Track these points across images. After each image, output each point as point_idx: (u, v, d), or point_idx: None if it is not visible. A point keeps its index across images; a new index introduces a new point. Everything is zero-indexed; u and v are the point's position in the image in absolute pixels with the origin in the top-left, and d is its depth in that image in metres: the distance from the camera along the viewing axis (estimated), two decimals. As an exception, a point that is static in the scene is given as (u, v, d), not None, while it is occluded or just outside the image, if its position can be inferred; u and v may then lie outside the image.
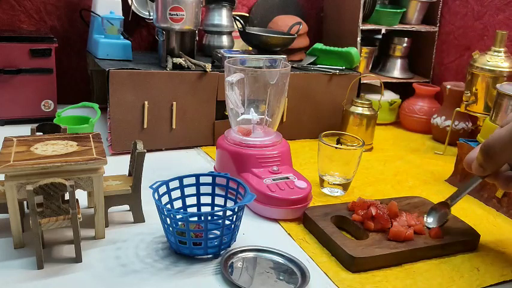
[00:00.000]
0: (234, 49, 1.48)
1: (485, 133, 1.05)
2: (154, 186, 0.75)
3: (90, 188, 0.72)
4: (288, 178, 0.92)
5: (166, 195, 0.79)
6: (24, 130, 0.99)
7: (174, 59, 1.19)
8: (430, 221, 0.85)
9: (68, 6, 1.44)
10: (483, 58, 1.23)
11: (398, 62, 1.64)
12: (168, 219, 0.72)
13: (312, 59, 1.40)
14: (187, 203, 0.82)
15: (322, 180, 1.02)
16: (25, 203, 0.80)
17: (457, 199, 0.84)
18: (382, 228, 0.81)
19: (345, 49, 1.38)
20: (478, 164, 0.74)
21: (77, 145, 0.75)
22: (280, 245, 0.78)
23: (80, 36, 1.47)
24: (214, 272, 0.71)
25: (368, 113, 1.27)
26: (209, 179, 0.83)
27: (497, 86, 1.07)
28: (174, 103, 1.17)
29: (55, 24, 1.45)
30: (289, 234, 0.84)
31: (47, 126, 0.85)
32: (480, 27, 1.46)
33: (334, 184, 1.00)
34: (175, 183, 0.80)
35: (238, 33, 1.39)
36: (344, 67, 1.38)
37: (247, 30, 1.32)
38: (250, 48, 1.41)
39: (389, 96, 1.57)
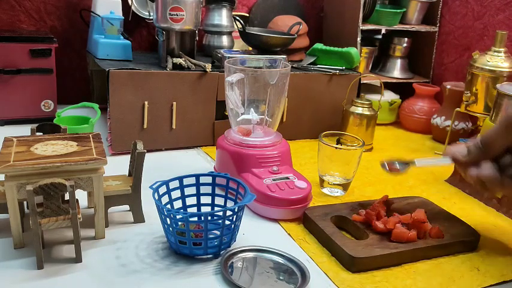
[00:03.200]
0: (234, 49, 1.48)
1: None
2: (154, 186, 0.75)
3: (90, 188, 0.72)
4: (288, 178, 0.92)
5: (166, 195, 0.79)
6: (24, 130, 0.99)
7: (174, 59, 1.19)
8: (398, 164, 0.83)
9: (68, 6, 1.44)
10: (483, 58, 1.23)
11: (398, 62, 1.64)
12: (168, 219, 0.72)
13: (312, 59, 1.40)
14: (187, 203, 0.82)
15: (322, 180, 1.02)
16: (25, 203, 0.80)
17: (424, 162, 0.82)
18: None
19: (345, 49, 1.38)
20: (468, 149, 0.73)
21: (77, 145, 0.75)
22: (280, 245, 0.78)
23: (80, 36, 1.47)
24: (214, 272, 0.71)
25: (368, 113, 1.27)
26: (209, 179, 0.83)
27: (497, 86, 1.06)
28: (174, 103, 1.17)
29: (55, 24, 1.45)
30: (289, 234, 0.84)
31: (47, 126, 0.85)
32: (480, 27, 1.46)
33: (334, 184, 1.00)
34: (175, 183, 0.80)
35: (238, 33, 1.39)
36: (344, 67, 1.38)
37: (247, 30, 1.32)
38: (250, 48, 1.41)
39: (389, 96, 1.57)
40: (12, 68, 1.24)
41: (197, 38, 1.27)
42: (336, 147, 0.98)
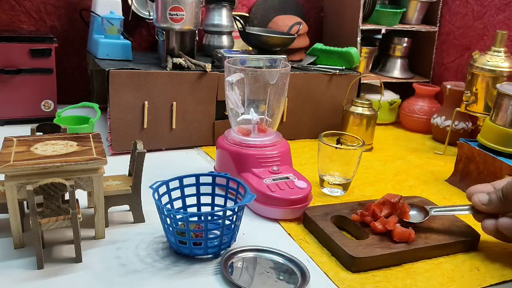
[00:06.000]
0: (234, 49, 1.48)
1: (485, 133, 1.05)
2: (154, 186, 0.75)
3: (90, 188, 0.72)
4: (288, 178, 0.92)
5: (166, 195, 0.79)
6: (24, 130, 0.99)
7: (174, 59, 1.19)
8: (412, 214, 0.84)
9: (68, 6, 1.44)
10: (483, 58, 1.23)
11: (398, 62, 1.64)
12: (168, 219, 0.72)
13: (312, 59, 1.40)
14: (187, 203, 0.82)
15: (322, 180, 1.02)
16: (25, 203, 0.80)
17: (439, 210, 0.84)
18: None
19: (345, 49, 1.38)
20: (489, 198, 0.75)
21: (77, 145, 0.75)
22: (280, 245, 0.78)
23: (80, 36, 1.47)
24: (214, 272, 0.71)
25: (368, 113, 1.27)
26: (209, 179, 0.83)
27: (497, 86, 1.06)
28: (174, 103, 1.17)
29: (55, 24, 1.45)
30: (289, 234, 0.84)
31: (47, 126, 0.85)
32: (480, 27, 1.46)
33: (334, 184, 1.00)
34: (175, 183, 0.80)
35: (238, 33, 1.39)
36: (344, 67, 1.38)
37: (247, 30, 1.32)
38: (250, 48, 1.41)
39: (389, 96, 1.57)
40: (12, 68, 1.24)
41: (197, 38, 1.27)
42: (336, 147, 0.98)
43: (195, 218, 0.82)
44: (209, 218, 0.71)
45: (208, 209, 0.83)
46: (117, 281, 0.67)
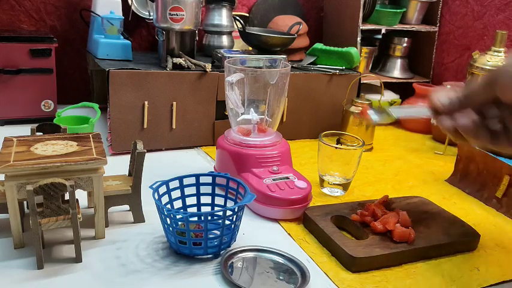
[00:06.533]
0: (234, 49, 1.48)
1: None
2: (154, 186, 0.75)
3: (90, 188, 0.72)
4: (288, 178, 0.92)
5: (166, 195, 0.79)
6: (24, 130, 0.99)
7: (174, 59, 1.19)
8: (371, 113, 0.79)
9: (68, 6, 1.44)
10: (483, 58, 1.23)
11: (398, 62, 1.64)
12: (168, 219, 0.72)
13: (312, 59, 1.40)
14: (187, 203, 0.82)
15: (322, 180, 1.02)
16: (25, 203, 0.80)
17: (398, 108, 0.79)
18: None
19: (345, 49, 1.38)
20: (449, 98, 0.69)
21: (77, 145, 0.75)
22: (280, 245, 0.78)
23: (80, 36, 1.47)
24: (214, 272, 0.71)
25: (368, 113, 1.27)
26: (209, 179, 0.83)
27: (497, 86, 1.06)
28: (174, 103, 1.17)
29: (55, 24, 1.45)
30: (289, 234, 0.84)
31: (47, 126, 0.85)
32: (480, 27, 1.46)
33: (334, 184, 1.00)
34: (175, 183, 0.80)
35: (238, 33, 1.39)
36: (344, 67, 1.38)
37: (247, 30, 1.32)
38: (250, 48, 1.41)
39: (389, 96, 1.57)
40: (12, 68, 1.24)
41: (197, 38, 1.27)
42: (336, 147, 0.98)
43: (195, 218, 0.82)
44: (209, 218, 0.71)
45: (208, 209, 0.83)
46: (117, 281, 0.67)
